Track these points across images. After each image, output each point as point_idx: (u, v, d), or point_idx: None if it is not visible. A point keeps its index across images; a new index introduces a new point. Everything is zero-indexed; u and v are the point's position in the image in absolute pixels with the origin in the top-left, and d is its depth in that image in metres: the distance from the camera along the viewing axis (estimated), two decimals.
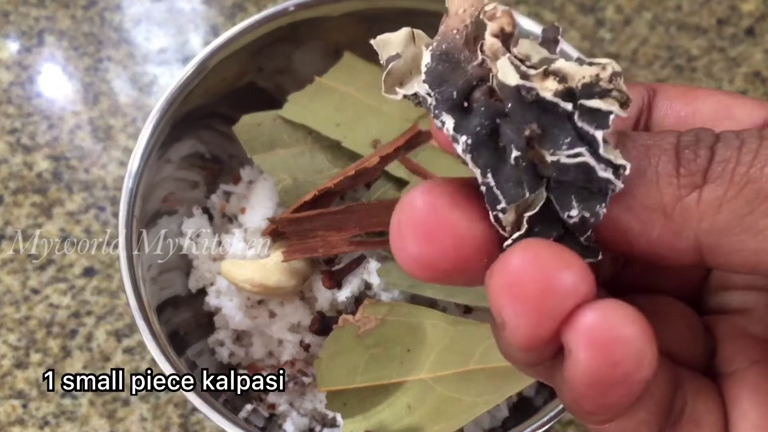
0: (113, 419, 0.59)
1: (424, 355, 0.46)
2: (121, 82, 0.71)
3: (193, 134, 0.54)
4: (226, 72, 0.52)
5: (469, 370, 0.46)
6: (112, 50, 0.72)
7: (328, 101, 0.51)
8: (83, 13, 0.74)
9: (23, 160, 0.68)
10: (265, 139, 0.50)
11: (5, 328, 0.62)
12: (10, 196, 0.66)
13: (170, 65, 0.72)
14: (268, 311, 0.51)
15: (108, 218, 0.66)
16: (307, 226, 0.47)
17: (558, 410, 0.43)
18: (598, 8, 0.73)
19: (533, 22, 0.50)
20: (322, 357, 0.46)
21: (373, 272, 0.47)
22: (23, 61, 0.72)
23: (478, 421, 0.50)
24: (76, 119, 0.69)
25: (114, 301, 0.63)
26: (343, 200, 0.51)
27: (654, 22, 0.73)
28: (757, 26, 0.72)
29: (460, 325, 0.46)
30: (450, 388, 0.46)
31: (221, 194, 0.57)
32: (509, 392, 0.46)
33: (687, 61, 0.71)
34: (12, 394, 0.60)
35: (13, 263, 0.64)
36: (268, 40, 0.52)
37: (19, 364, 0.61)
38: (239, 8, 0.74)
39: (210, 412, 0.43)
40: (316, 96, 0.52)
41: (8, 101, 0.70)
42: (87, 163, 0.68)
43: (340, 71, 0.52)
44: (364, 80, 0.52)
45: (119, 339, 0.62)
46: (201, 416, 0.59)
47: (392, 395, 0.46)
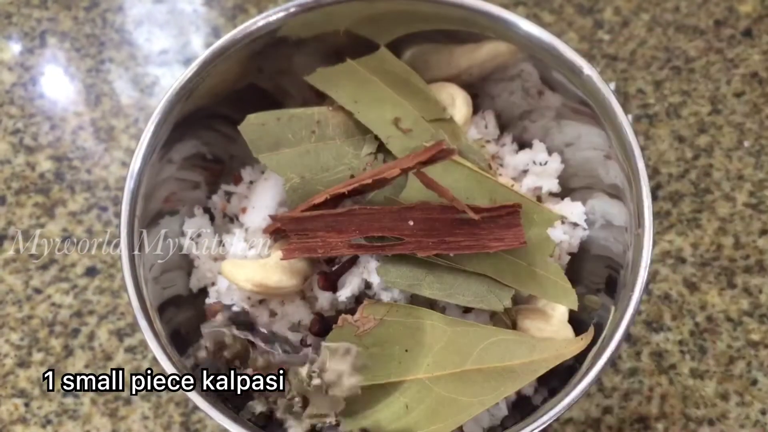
0: (115, 418, 0.60)
1: (422, 355, 0.46)
2: (122, 83, 0.72)
3: (194, 135, 0.54)
4: (228, 73, 0.53)
5: (467, 370, 0.46)
6: (114, 51, 0.73)
7: (352, 80, 0.53)
8: (85, 14, 0.74)
9: (26, 160, 0.68)
10: (271, 138, 0.50)
11: (8, 327, 0.63)
12: (12, 197, 0.67)
13: (172, 66, 0.72)
14: (268, 310, 0.52)
15: (110, 218, 0.66)
16: (309, 226, 0.48)
17: (557, 409, 0.44)
18: (597, 10, 0.74)
19: (533, 23, 0.50)
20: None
21: (373, 272, 0.48)
22: (26, 63, 0.72)
23: (478, 420, 0.51)
24: (79, 120, 0.70)
25: (116, 300, 0.63)
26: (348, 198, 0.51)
27: (652, 23, 0.73)
28: (754, 27, 0.73)
29: (459, 325, 0.47)
30: (447, 388, 0.46)
31: (222, 194, 0.57)
32: (506, 393, 0.46)
33: (685, 62, 0.71)
34: (14, 393, 0.60)
35: (15, 263, 0.65)
36: (268, 41, 0.53)
37: (21, 363, 0.61)
38: (240, 10, 0.75)
39: (211, 411, 0.44)
40: (343, 74, 0.53)
41: (11, 102, 0.71)
42: (89, 164, 0.68)
43: (372, 60, 0.54)
44: (391, 74, 0.53)
45: (121, 338, 0.62)
46: (202, 415, 0.59)
47: (390, 395, 0.47)
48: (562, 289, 0.48)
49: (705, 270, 0.63)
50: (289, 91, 0.57)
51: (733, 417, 0.59)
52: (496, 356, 0.46)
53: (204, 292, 0.54)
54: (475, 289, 0.47)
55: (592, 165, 0.53)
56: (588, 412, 0.60)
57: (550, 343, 0.47)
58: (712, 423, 0.59)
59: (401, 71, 0.54)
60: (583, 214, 0.54)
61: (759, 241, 0.64)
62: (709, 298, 0.63)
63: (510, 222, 0.47)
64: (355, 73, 0.53)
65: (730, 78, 0.70)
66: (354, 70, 0.53)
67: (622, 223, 0.50)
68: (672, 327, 0.62)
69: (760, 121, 0.69)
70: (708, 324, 0.62)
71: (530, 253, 0.48)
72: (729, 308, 0.62)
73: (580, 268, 0.54)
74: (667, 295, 0.63)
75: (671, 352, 0.61)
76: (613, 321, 0.46)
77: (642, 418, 0.59)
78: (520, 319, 0.50)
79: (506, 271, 0.48)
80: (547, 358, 0.47)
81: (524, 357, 0.47)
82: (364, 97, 0.52)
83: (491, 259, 0.47)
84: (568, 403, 0.43)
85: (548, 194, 0.56)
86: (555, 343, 0.47)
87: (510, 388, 0.46)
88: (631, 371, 0.61)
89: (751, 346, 0.61)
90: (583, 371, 0.45)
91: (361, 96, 0.52)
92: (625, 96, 0.70)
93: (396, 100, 0.52)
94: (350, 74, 0.53)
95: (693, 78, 0.71)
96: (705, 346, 0.61)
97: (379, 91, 0.53)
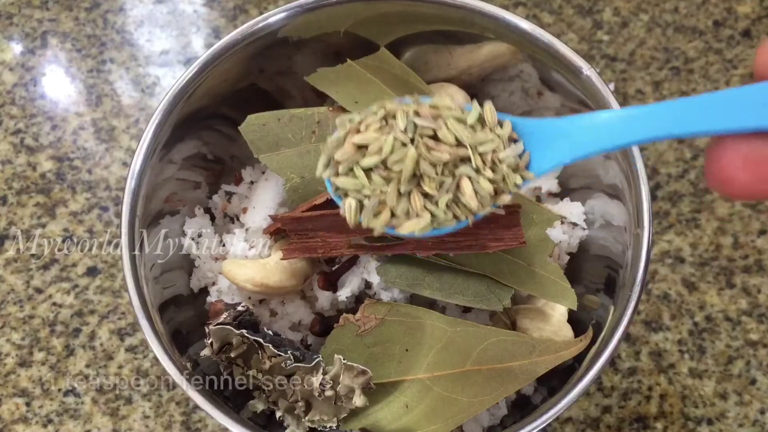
0: (116, 417, 0.60)
1: (422, 355, 0.47)
2: (123, 83, 0.72)
3: (195, 135, 0.54)
4: (228, 74, 0.53)
5: (467, 370, 0.47)
6: (115, 52, 0.73)
7: (353, 81, 0.53)
8: (86, 15, 0.75)
9: (27, 160, 0.68)
10: (271, 139, 0.51)
11: (9, 327, 0.63)
12: (13, 197, 0.67)
13: (172, 67, 0.72)
14: (269, 310, 0.52)
15: (111, 218, 0.66)
16: (309, 225, 0.48)
17: (556, 408, 0.44)
18: (596, 10, 0.74)
19: (533, 24, 0.50)
20: (322, 355, 0.46)
21: (373, 271, 0.48)
22: (27, 63, 0.73)
23: (478, 419, 0.51)
24: (80, 120, 0.70)
25: (117, 300, 0.63)
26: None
27: (651, 24, 0.73)
28: (753, 28, 0.73)
29: (459, 325, 0.47)
30: (447, 388, 0.46)
31: (223, 194, 0.57)
32: (506, 393, 0.47)
33: (684, 63, 0.71)
34: (16, 393, 0.61)
35: (16, 263, 0.65)
36: (269, 42, 0.53)
37: (22, 363, 0.62)
38: (241, 10, 0.75)
39: (212, 410, 0.44)
40: (344, 75, 0.53)
41: (12, 102, 0.71)
42: (90, 164, 0.68)
43: (372, 60, 0.54)
44: (391, 74, 0.54)
45: (122, 338, 0.62)
46: (203, 414, 0.60)
47: (390, 394, 0.47)
48: (562, 289, 0.48)
49: (704, 270, 0.64)
50: (289, 91, 0.57)
51: (732, 416, 0.59)
52: (496, 356, 0.47)
53: (204, 292, 0.54)
54: (474, 288, 0.47)
55: (592, 165, 0.53)
56: (587, 411, 0.60)
57: (550, 344, 0.47)
58: (711, 422, 0.59)
59: (401, 72, 0.54)
60: (582, 214, 0.54)
61: (758, 241, 0.64)
62: (708, 298, 0.63)
63: (509, 222, 0.47)
64: (356, 74, 0.53)
65: (729, 78, 0.71)
66: (354, 70, 0.54)
67: (622, 223, 0.50)
68: (671, 327, 0.62)
69: None
70: (707, 324, 0.62)
71: (530, 253, 0.48)
72: (728, 308, 0.62)
73: (579, 268, 0.54)
74: (666, 294, 0.63)
75: (670, 351, 0.61)
76: (612, 321, 0.46)
77: (641, 418, 0.59)
78: (520, 318, 0.50)
79: (506, 271, 0.48)
80: (547, 359, 0.47)
81: (524, 357, 0.47)
82: (364, 98, 0.52)
83: (490, 259, 0.48)
84: (568, 402, 0.43)
85: (548, 194, 0.56)
86: (554, 344, 0.47)
87: (510, 388, 0.46)
88: (630, 371, 0.61)
89: (750, 346, 0.61)
90: (582, 371, 0.45)
91: (361, 96, 0.52)
92: (625, 96, 0.70)
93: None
94: (351, 75, 0.53)
95: (692, 78, 0.71)
96: (704, 345, 0.61)
97: (379, 91, 0.53)
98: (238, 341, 0.46)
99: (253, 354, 0.46)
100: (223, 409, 0.44)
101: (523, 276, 0.48)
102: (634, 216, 0.47)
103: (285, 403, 0.46)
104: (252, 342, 0.45)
